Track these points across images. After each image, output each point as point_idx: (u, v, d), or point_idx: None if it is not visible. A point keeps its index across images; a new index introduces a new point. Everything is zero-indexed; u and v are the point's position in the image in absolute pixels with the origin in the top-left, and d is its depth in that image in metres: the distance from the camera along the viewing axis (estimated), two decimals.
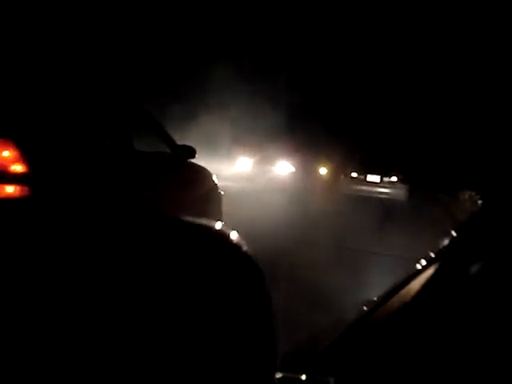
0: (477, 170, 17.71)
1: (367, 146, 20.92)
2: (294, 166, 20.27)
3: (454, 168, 21.08)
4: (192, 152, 6.74)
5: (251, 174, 19.03)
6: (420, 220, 13.41)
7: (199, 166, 7.17)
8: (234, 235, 1.87)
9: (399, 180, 18.54)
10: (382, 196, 17.76)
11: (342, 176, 19.49)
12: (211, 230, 1.88)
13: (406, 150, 22.85)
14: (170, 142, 6.53)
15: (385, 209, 14.37)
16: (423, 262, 1.50)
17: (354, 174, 18.97)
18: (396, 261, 8.00)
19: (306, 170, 20.61)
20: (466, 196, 14.95)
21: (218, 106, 19.17)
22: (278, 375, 1.40)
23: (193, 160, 7.08)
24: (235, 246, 1.60)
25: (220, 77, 20.35)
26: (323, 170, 21.47)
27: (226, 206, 11.40)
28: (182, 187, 6.48)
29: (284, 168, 20.02)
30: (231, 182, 17.69)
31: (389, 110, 27.26)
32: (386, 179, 18.59)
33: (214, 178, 7.41)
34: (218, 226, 1.90)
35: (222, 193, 7.56)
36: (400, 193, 18.03)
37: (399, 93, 27.05)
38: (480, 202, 13.61)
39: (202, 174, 7.20)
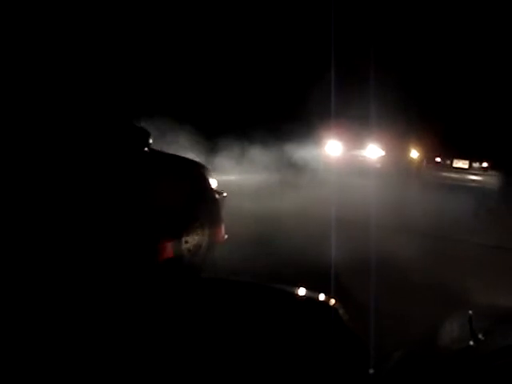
0: None
1: (454, 125, 19.30)
2: (384, 149, 19.92)
3: None
4: (141, 138, 4.95)
5: (340, 158, 19.02)
6: None
7: (177, 160, 5.57)
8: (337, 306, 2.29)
9: (490, 166, 17.02)
10: (471, 184, 16.65)
11: (425, 161, 18.13)
12: (318, 302, 2.28)
13: (498, 131, 21.62)
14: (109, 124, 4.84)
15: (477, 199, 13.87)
16: None
17: (438, 159, 17.55)
18: (493, 250, 8.09)
19: (396, 154, 20.15)
20: None
21: (307, 89, 19.29)
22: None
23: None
24: (336, 316, 2.05)
25: (310, 58, 20.50)
26: (414, 154, 20.83)
27: (316, 189, 11.73)
28: (133, 185, 4.87)
29: (374, 151, 19.77)
30: (320, 165, 17.87)
31: (481, 88, 26.37)
32: (475, 165, 17.12)
33: (207, 174, 5.82)
34: (321, 297, 2.21)
35: (225, 194, 6.04)
36: (491, 181, 16.62)
37: (491, 71, 26.15)
38: None
39: (177, 170, 5.46)
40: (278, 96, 20.17)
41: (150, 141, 4.99)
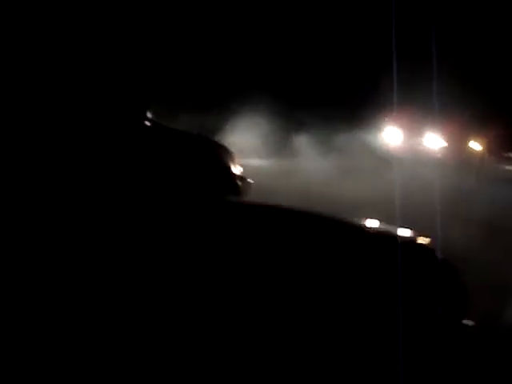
0: None
1: None
2: (445, 140, 19.51)
3: None
4: (136, 106, 4.03)
5: (401, 146, 18.84)
6: None
7: (189, 138, 4.89)
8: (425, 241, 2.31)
9: None
10: None
11: (487, 154, 17.69)
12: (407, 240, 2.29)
13: None
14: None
15: None
16: None
17: (501, 152, 17.13)
18: None
19: (458, 145, 19.67)
20: None
21: (372, 76, 19.17)
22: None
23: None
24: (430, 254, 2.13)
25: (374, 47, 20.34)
26: (476, 146, 20.16)
27: (375, 177, 11.69)
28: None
29: (435, 142, 19.42)
30: (381, 152, 17.75)
31: None
32: None
33: (227, 158, 5.00)
34: (407, 233, 2.15)
35: (250, 181, 5.30)
36: None
37: None
38: None
39: (187, 150, 4.46)
40: (344, 83, 20.12)
41: (148, 113, 4.09)
